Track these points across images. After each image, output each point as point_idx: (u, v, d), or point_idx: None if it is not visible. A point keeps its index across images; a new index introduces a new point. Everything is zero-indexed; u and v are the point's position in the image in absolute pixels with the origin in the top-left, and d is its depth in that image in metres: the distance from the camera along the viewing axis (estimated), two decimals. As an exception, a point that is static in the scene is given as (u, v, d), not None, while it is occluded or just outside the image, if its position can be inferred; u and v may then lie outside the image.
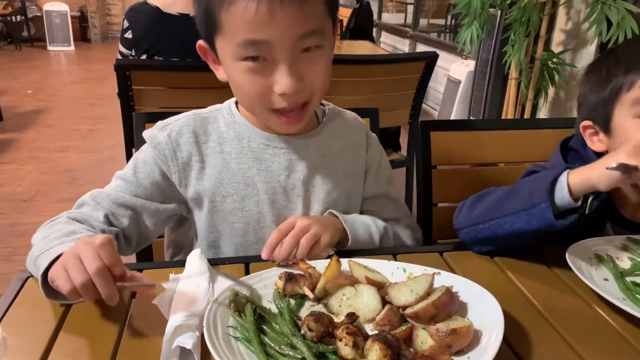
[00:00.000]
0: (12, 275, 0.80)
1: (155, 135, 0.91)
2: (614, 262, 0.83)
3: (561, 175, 0.80)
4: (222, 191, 0.91)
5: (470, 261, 0.88)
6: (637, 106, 0.89)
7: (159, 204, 0.92)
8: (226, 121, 0.94)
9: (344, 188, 0.97)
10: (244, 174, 0.91)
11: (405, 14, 6.95)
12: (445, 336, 0.62)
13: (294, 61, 0.79)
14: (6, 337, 0.61)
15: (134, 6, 1.89)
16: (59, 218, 0.86)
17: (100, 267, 0.65)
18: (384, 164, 1.05)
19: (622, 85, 0.91)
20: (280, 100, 0.81)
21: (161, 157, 0.90)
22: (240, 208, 0.92)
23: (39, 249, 0.76)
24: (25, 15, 7.82)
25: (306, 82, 0.81)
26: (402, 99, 2.32)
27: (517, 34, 2.50)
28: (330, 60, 0.85)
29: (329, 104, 1.02)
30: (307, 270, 0.76)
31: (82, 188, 3.14)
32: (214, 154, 0.91)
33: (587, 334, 0.70)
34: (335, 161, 0.97)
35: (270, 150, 0.92)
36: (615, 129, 0.93)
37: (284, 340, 0.63)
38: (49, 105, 4.92)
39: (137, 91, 1.80)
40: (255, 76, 0.80)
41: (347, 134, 1.00)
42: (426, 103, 4.71)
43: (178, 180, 0.91)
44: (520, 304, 0.77)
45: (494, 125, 1.44)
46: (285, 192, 0.93)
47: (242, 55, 0.79)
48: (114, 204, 0.89)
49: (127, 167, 0.93)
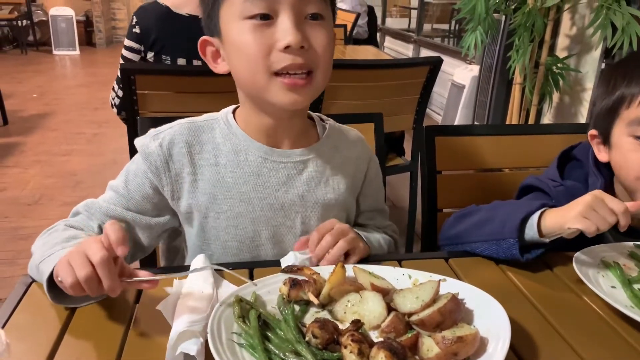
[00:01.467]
0: (16, 278, 0.80)
1: (146, 144, 0.87)
2: (622, 269, 0.82)
3: (534, 214, 0.84)
4: (215, 207, 0.87)
5: (476, 268, 0.88)
6: (632, 126, 0.89)
7: (151, 217, 0.89)
8: (222, 132, 0.90)
9: (343, 203, 0.96)
10: (239, 190, 0.87)
11: (409, 19, 6.97)
12: (451, 344, 0.61)
13: (299, 19, 0.79)
14: (10, 343, 0.60)
15: (144, 5, 1.91)
16: (56, 226, 0.85)
17: (105, 257, 0.64)
18: (379, 177, 1.06)
19: (623, 99, 0.91)
20: (284, 57, 0.78)
21: (152, 169, 0.86)
22: (234, 226, 0.88)
23: (40, 256, 0.76)
24: (31, 19, 7.86)
25: (311, 47, 0.80)
26: (406, 104, 2.32)
27: (522, 39, 2.50)
28: (332, 35, 0.84)
29: (330, 119, 1.00)
30: (312, 276, 0.75)
31: (85, 192, 3.15)
32: (208, 166, 0.88)
33: (594, 342, 0.70)
34: (337, 176, 0.94)
35: (269, 165, 0.88)
36: (614, 144, 0.94)
37: (289, 347, 0.63)
38: (54, 109, 4.93)
39: (142, 95, 1.81)
40: (260, 33, 0.79)
41: (348, 147, 0.98)
42: (430, 108, 4.71)
43: (170, 193, 0.88)
44: (527, 311, 0.76)
45: (499, 130, 1.43)
46: (283, 209, 0.90)
47: (249, 10, 0.78)
48: (106, 217, 0.87)
49: (119, 177, 0.90)
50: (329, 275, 0.73)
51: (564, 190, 0.97)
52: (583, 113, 2.77)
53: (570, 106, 2.88)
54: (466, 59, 4.12)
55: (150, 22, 1.84)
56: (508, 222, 0.85)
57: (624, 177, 0.93)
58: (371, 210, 1.04)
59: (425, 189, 1.25)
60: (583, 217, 0.79)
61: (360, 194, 1.01)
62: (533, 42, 2.54)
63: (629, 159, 0.90)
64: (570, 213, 0.80)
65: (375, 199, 1.04)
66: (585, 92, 2.75)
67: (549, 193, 0.98)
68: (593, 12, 2.28)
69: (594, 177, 0.97)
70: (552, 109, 2.91)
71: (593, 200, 0.79)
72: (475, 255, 0.91)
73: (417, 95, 2.31)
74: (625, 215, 0.79)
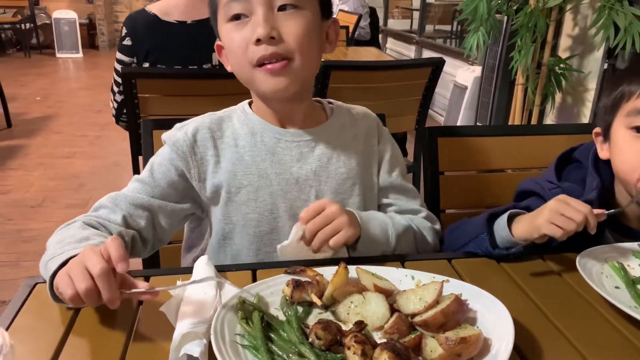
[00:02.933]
0: (20, 280, 0.80)
1: (173, 134, 0.96)
2: (625, 270, 0.82)
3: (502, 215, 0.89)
4: (236, 183, 0.94)
5: (479, 269, 0.88)
6: (629, 117, 0.90)
7: (175, 204, 0.95)
8: (240, 119, 0.98)
9: (359, 178, 0.99)
10: (257, 166, 0.95)
11: (411, 20, 6.96)
12: (454, 345, 0.61)
13: (269, 13, 0.86)
14: (14, 345, 0.60)
15: (132, 14, 1.90)
16: (75, 222, 0.87)
17: (104, 269, 0.65)
18: (395, 153, 1.06)
19: (623, 95, 0.92)
20: (257, 49, 0.86)
21: (180, 154, 0.94)
22: (254, 199, 0.95)
23: (52, 253, 0.76)
24: (35, 22, 7.88)
25: (282, 37, 0.86)
26: (408, 105, 2.32)
27: (524, 39, 2.49)
28: (310, 24, 0.89)
29: (337, 102, 1.06)
30: (315, 277, 0.75)
31: (88, 194, 3.16)
32: (228, 148, 0.96)
33: (598, 342, 0.70)
34: (347, 151, 0.99)
35: (282, 144, 0.96)
36: (612, 137, 0.94)
37: (292, 349, 0.63)
38: (57, 112, 4.95)
39: (142, 99, 1.82)
40: (239, 32, 0.88)
41: (357, 124, 1.03)
42: (432, 109, 4.70)
43: (197, 175, 0.95)
44: (530, 312, 0.76)
45: (501, 131, 1.43)
46: (298, 183, 0.96)
47: (228, 14, 0.88)
48: (132, 205, 0.91)
49: (144, 170, 0.96)
50: (332, 277, 0.74)
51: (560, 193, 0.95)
52: (586, 113, 2.77)
53: (572, 106, 2.87)
54: (468, 60, 4.11)
55: (141, 33, 1.82)
56: (480, 220, 0.91)
57: (618, 169, 0.93)
58: (388, 187, 1.03)
59: (427, 190, 1.25)
60: (549, 222, 0.81)
61: (379, 168, 1.03)
62: (535, 42, 2.53)
63: (624, 149, 0.91)
64: (537, 220, 0.83)
65: (390, 174, 1.03)
66: (588, 92, 2.75)
67: (544, 197, 0.98)
68: (595, 12, 2.27)
69: (590, 178, 0.96)
70: (555, 110, 2.90)
71: (557, 204, 0.82)
72: (477, 256, 0.91)
73: (420, 97, 2.31)
74: (592, 215, 0.81)
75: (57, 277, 0.69)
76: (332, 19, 0.97)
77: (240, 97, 1.04)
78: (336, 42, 0.99)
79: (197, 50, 1.82)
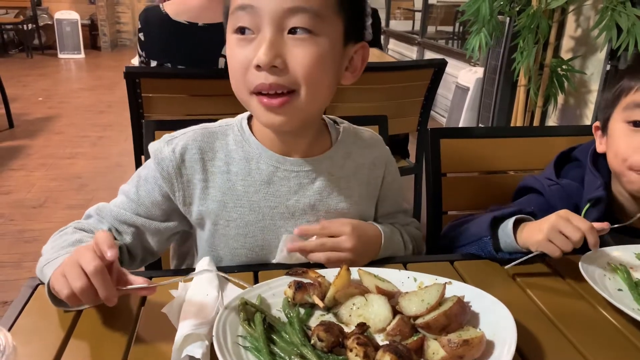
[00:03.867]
0: (22, 281, 0.80)
1: (160, 149, 0.87)
2: (628, 271, 0.82)
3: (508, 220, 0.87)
4: (225, 215, 0.87)
5: (481, 270, 0.88)
6: (627, 111, 0.92)
7: (160, 222, 0.89)
8: (236, 138, 0.89)
9: (357, 211, 0.93)
10: (249, 198, 0.87)
11: (413, 21, 6.95)
12: (457, 347, 0.61)
13: (278, 35, 0.74)
14: (16, 346, 0.60)
15: (147, 7, 1.91)
16: (67, 228, 0.86)
17: (98, 266, 0.64)
18: (398, 180, 1.03)
19: (622, 90, 0.94)
20: (257, 76, 0.76)
21: (164, 175, 0.86)
22: (243, 234, 0.87)
23: (46, 259, 0.76)
24: (37, 23, 7.89)
25: (287, 65, 0.75)
26: (410, 106, 2.32)
27: (526, 41, 2.49)
28: (324, 53, 0.77)
29: (344, 122, 0.97)
30: (317, 279, 0.75)
31: (90, 195, 3.16)
32: (219, 173, 0.87)
33: (601, 345, 0.69)
34: (350, 183, 0.92)
35: (280, 174, 0.87)
36: (609, 131, 0.96)
37: (294, 350, 0.63)
38: (59, 113, 4.95)
39: (147, 99, 1.81)
40: (241, 49, 0.77)
41: (363, 152, 0.95)
42: (434, 110, 4.70)
43: (182, 199, 0.87)
44: (533, 314, 0.76)
45: (504, 132, 1.43)
46: (293, 217, 0.88)
47: (234, 24, 0.77)
48: (117, 221, 0.88)
49: (131, 182, 0.91)
50: (334, 278, 0.73)
51: (559, 189, 0.99)
52: (588, 115, 2.76)
53: (575, 108, 2.87)
54: (470, 61, 4.11)
55: (153, 30, 1.83)
56: (484, 222, 0.89)
57: (612, 161, 0.95)
58: (390, 214, 1.01)
59: (430, 191, 1.24)
60: (548, 240, 0.81)
61: (378, 199, 0.98)
62: (537, 44, 2.53)
63: (619, 142, 0.93)
64: (537, 236, 0.82)
65: (395, 202, 1.01)
66: (590, 93, 2.74)
67: (543, 193, 1.00)
68: (598, 13, 2.27)
69: (591, 175, 0.97)
70: (557, 111, 2.90)
71: (557, 220, 0.81)
72: (480, 258, 0.91)
73: (422, 98, 2.31)
74: (592, 232, 0.80)
75: (53, 277, 0.69)
76: (360, 44, 0.84)
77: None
78: (361, 71, 0.87)
79: (204, 54, 1.82)
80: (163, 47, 1.84)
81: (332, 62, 0.79)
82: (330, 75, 0.80)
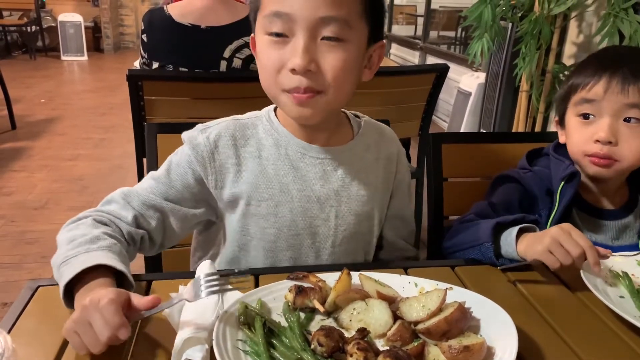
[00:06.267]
0: (22, 282, 0.80)
1: (194, 136, 0.92)
2: (630, 279, 0.82)
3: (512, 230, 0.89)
4: (257, 195, 0.92)
5: (482, 276, 0.87)
6: (577, 106, 1.02)
7: (188, 209, 0.92)
8: (265, 128, 0.95)
9: (377, 201, 0.99)
10: (279, 180, 0.92)
11: (415, 26, 6.97)
12: (457, 353, 0.61)
13: (311, 41, 0.80)
14: (16, 348, 0.60)
15: (151, 9, 1.91)
16: (85, 218, 0.85)
17: (112, 337, 0.63)
18: (408, 180, 1.06)
19: (572, 87, 1.03)
20: (291, 79, 0.81)
21: (199, 159, 0.90)
22: (274, 214, 0.92)
23: (64, 255, 0.75)
24: (40, 25, 7.93)
25: (320, 69, 0.81)
26: (412, 111, 2.32)
27: (528, 46, 2.49)
28: (352, 58, 0.83)
29: (364, 116, 1.03)
30: (318, 283, 0.75)
31: (92, 197, 3.16)
32: (251, 158, 0.93)
33: (603, 352, 0.69)
34: (369, 174, 0.97)
35: (307, 160, 0.93)
36: (566, 124, 1.06)
37: (294, 355, 0.63)
38: (61, 114, 4.96)
39: (149, 101, 1.82)
40: (274, 51, 0.82)
41: (381, 147, 1.00)
42: (436, 115, 4.70)
43: (214, 183, 0.92)
44: (534, 320, 0.75)
45: (506, 137, 1.43)
46: (319, 201, 0.93)
47: (267, 27, 0.82)
48: (144, 205, 0.89)
49: (161, 168, 0.94)
50: (335, 283, 0.73)
51: (533, 175, 1.09)
52: (590, 121, 2.76)
53: (577, 114, 2.86)
54: (472, 66, 4.11)
55: (156, 31, 1.84)
56: (486, 228, 0.92)
57: (571, 150, 1.04)
58: (395, 217, 1.04)
59: (431, 196, 1.24)
60: (548, 251, 0.82)
61: (391, 194, 1.02)
62: (540, 49, 2.53)
63: (574, 134, 1.03)
64: (538, 247, 0.84)
65: (400, 203, 1.04)
66: (592, 99, 2.74)
67: (519, 180, 1.09)
68: (600, 19, 2.27)
69: (555, 161, 1.07)
70: (559, 117, 2.89)
71: (558, 232, 0.83)
72: (481, 264, 0.90)
73: (424, 102, 2.30)
74: (592, 251, 0.81)
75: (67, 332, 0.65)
76: (379, 43, 0.90)
77: (247, 101, 1.03)
78: (377, 67, 0.93)
79: (206, 56, 1.82)
80: (165, 49, 1.84)
81: (356, 65, 0.86)
82: (355, 75, 0.87)
